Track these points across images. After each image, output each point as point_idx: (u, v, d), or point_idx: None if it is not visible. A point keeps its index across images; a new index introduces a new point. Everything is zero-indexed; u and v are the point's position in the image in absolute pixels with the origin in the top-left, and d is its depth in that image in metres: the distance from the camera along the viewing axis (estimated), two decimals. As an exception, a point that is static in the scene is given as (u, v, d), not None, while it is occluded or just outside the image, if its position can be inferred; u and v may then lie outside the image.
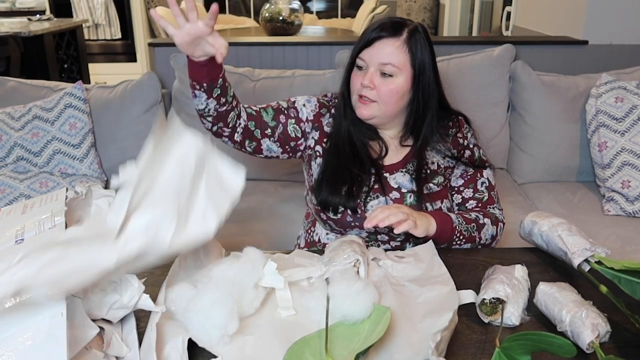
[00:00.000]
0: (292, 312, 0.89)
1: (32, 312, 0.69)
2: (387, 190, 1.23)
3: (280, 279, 0.92)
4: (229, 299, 0.84)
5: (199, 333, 0.81)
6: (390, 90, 1.18)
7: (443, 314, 0.82)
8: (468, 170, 1.28)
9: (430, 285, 0.94)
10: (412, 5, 6.04)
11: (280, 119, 1.29)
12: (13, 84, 2.07)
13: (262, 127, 1.27)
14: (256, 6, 5.98)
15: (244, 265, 0.92)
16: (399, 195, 1.23)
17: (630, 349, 0.82)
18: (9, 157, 1.87)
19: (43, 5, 5.18)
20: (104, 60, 5.33)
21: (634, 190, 1.79)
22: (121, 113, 2.03)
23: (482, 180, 1.28)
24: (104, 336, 0.77)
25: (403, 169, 1.26)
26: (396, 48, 1.17)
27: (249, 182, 2.22)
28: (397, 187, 1.24)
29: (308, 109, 1.31)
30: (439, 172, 1.26)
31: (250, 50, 2.34)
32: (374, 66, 1.18)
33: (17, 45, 3.14)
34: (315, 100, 1.33)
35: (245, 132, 1.26)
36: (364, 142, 1.28)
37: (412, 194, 1.23)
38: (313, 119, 1.30)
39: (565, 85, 2.04)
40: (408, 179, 1.24)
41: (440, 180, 1.26)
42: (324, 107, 1.32)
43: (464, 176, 1.28)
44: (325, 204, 1.22)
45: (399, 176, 1.25)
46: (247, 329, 0.85)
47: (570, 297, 0.87)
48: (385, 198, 1.23)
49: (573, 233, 1.02)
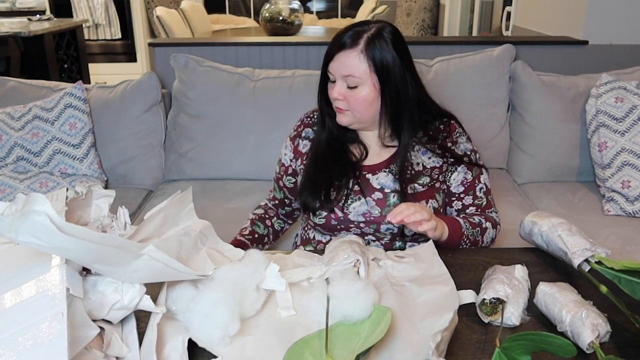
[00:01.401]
0: (292, 313, 0.89)
1: (33, 312, 0.69)
2: (368, 191, 1.24)
3: (282, 282, 0.92)
4: (231, 299, 0.84)
5: (199, 333, 0.81)
6: (358, 99, 1.19)
7: (443, 314, 0.82)
8: (467, 177, 1.28)
9: (430, 285, 0.94)
10: (412, 5, 6.04)
11: (281, 184, 1.41)
12: (13, 84, 2.07)
13: (290, 205, 1.43)
14: (256, 6, 5.98)
15: (246, 266, 0.92)
16: (382, 195, 1.24)
17: (630, 349, 0.82)
18: (9, 157, 1.87)
19: (43, 5, 5.18)
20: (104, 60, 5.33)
21: (634, 190, 1.79)
22: (121, 113, 2.03)
23: (480, 186, 1.30)
24: (104, 336, 0.77)
25: (386, 169, 1.26)
26: (354, 59, 1.16)
27: (249, 182, 2.24)
28: (379, 187, 1.25)
29: (288, 154, 1.37)
30: (424, 172, 1.26)
31: (250, 50, 2.34)
32: (340, 79, 1.19)
33: (17, 45, 3.14)
34: (288, 141, 1.38)
35: (292, 215, 1.47)
36: (344, 146, 1.30)
37: (396, 193, 1.23)
38: (293, 156, 1.36)
39: (565, 85, 2.04)
40: (391, 179, 1.25)
41: (426, 181, 1.25)
42: (297, 137, 1.36)
43: (464, 183, 1.28)
44: (305, 207, 1.27)
45: (382, 176, 1.26)
46: (247, 329, 0.85)
47: (571, 297, 0.87)
48: (366, 199, 1.24)
49: (573, 233, 1.02)
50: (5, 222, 0.71)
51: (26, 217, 0.69)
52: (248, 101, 2.04)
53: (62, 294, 0.72)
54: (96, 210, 0.98)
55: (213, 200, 1.89)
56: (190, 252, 0.93)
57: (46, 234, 0.70)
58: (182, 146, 2.07)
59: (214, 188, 1.99)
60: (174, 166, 2.08)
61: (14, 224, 0.70)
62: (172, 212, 0.99)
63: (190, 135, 2.06)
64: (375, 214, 1.23)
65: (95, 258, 0.75)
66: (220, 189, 1.99)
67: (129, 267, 0.77)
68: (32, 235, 0.70)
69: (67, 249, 0.72)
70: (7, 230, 0.71)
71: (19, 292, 0.74)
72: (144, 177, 2.07)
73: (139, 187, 2.05)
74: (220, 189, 1.99)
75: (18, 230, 0.70)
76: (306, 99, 2.02)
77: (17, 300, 0.73)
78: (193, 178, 2.06)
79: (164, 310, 0.81)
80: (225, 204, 1.87)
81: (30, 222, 0.69)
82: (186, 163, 2.06)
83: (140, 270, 0.78)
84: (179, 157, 2.07)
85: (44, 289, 0.73)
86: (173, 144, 2.09)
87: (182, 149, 2.07)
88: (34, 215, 0.69)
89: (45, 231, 0.70)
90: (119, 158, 2.03)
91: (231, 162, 2.05)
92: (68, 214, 0.89)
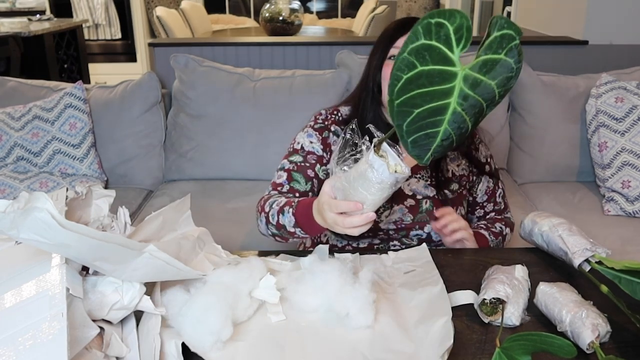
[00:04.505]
0: (283, 318, 0.88)
1: (33, 312, 0.69)
2: (399, 198, 1.21)
3: (276, 294, 0.90)
4: (224, 304, 0.83)
5: (191, 338, 0.79)
6: None
7: (436, 320, 0.82)
8: (490, 186, 1.32)
9: (420, 287, 0.94)
10: (412, 5, 6.04)
11: (309, 174, 1.21)
12: (13, 84, 2.07)
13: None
14: (256, 6, 5.98)
15: (241, 272, 0.91)
16: (414, 202, 1.22)
17: (630, 349, 0.82)
18: (9, 157, 1.87)
19: (43, 5, 5.18)
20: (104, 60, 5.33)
21: (634, 190, 1.79)
22: (121, 113, 2.03)
23: (500, 192, 1.34)
24: (104, 336, 0.77)
25: (417, 175, 1.24)
26: None
27: (249, 182, 2.24)
28: (411, 194, 1.23)
29: (316, 144, 1.24)
30: (453, 179, 1.26)
31: (250, 50, 2.34)
32: None
33: (17, 45, 3.14)
34: (312, 131, 1.25)
35: None
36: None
37: (428, 199, 1.22)
38: (322, 147, 1.24)
39: (565, 85, 2.04)
40: (423, 185, 1.23)
41: (455, 188, 1.26)
42: (325, 130, 1.25)
43: (487, 192, 1.32)
44: None
45: (413, 182, 1.23)
46: (238, 335, 0.84)
47: (571, 297, 0.87)
48: (400, 207, 1.21)
49: (573, 233, 1.02)
50: (7, 220, 0.71)
51: (28, 214, 0.69)
52: (248, 101, 2.04)
53: (62, 293, 0.72)
54: (96, 210, 0.98)
55: (213, 200, 1.89)
56: (189, 255, 0.93)
57: (48, 230, 0.70)
58: (182, 146, 2.07)
59: (213, 188, 1.99)
60: (174, 166, 2.08)
61: (16, 221, 0.70)
62: (170, 217, 0.99)
63: (190, 135, 2.06)
64: (407, 221, 1.21)
65: (96, 255, 0.75)
66: (220, 189, 1.99)
67: (130, 265, 0.77)
68: (34, 232, 0.70)
69: (68, 246, 0.72)
70: (9, 227, 0.71)
71: (19, 292, 0.74)
72: (144, 177, 2.07)
73: (139, 187, 2.05)
74: (220, 189, 1.99)
75: (20, 227, 0.70)
76: (306, 99, 2.02)
77: (17, 300, 0.73)
78: (193, 178, 2.06)
79: (163, 312, 0.80)
80: (225, 204, 1.87)
81: (32, 219, 0.69)
82: (186, 163, 2.06)
83: (141, 269, 0.78)
84: (179, 157, 2.07)
85: (44, 288, 0.73)
86: (173, 144, 2.09)
87: (182, 149, 2.07)
88: (35, 212, 0.69)
89: (46, 228, 0.70)
90: (119, 158, 2.03)
91: (231, 162, 2.05)
92: (68, 214, 0.89)
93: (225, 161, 2.05)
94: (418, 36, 0.69)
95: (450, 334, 0.79)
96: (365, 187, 0.83)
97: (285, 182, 1.21)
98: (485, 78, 0.72)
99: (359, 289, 0.88)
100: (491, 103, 0.76)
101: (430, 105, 0.72)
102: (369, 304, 0.86)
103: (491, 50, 0.71)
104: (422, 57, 0.69)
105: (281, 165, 1.24)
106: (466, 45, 0.69)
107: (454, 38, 0.69)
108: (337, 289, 0.88)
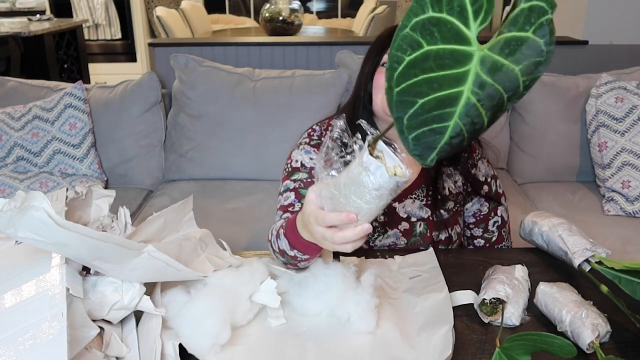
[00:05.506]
0: (283, 322, 0.87)
1: (33, 312, 0.69)
2: (393, 223, 1.14)
3: (277, 299, 0.87)
4: (223, 307, 0.82)
5: (189, 341, 0.79)
6: None
7: (439, 328, 0.81)
8: (482, 210, 1.22)
9: (425, 294, 0.93)
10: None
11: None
12: (13, 84, 2.07)
13: None
14: (256, 6, 5.98)
15: (242, 275, 0.90)
16: (408, 225, 1.15)
17: (630, 349, 0.82)
18: (9, 157, 1.87)
19: (43, 5, 5.17)
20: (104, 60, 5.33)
21: (634, 190, 1.79)
22: (121, 113, 2.03)
23: (495, 220, 1.22)
24: (104, 336, 0.77)
25: (412, 195, 1.16)
26: None
27: (249, 182, 2.24)
28: (406, 216, 1.15)
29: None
30: (450, 198, 1.17)
31: (250, 50, 2.34)
32: None
33: (17, 45, 3.14)
34: (309, 147, 1.15)
35: None
36: None
37: (422, 222, 1.15)
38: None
39: (565, 85, 2.04)
40: (418, 206, 1.15)
41: (451, 206, 1.18)
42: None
43: (476, 215, 1.22)
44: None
45: (408, 203, 1.15)
46: (237, 339, 0.83)
47: (571, 297, 0.87)
48: (394, 231, 1.14)
49: (573, 233, 1.02)
50: (4, 218, 0.71)
51: (24, 212, 0.69)
52: (248, 101, 2.04)
53: (62, 293, 0.72)
54: (96, 210, 0.98)
55: (213, 200, 1.89)
56: (190, 256, 0.92)
57: (44, 229, 0.70)
58: (182, 146, 2.07)
59: (213, 188, 1.99)
60: (173, 166, 2.08)
61: (13, 220, 0.70)
62: (172, 218, 0.99)
63: (190, 135, 2.06)
64: (400, 245, 1.16)
65: (94, 255, 0.75)
66: (220, 189, 1.99)
67: (128, 265, 0.77)
68: (31, 231, 0.70)
69: (66, 245, 0.72)
70: (6, 226, 0.71)
71: (19, 292, 0.74)
72: (144, 177, 2.07)
73: (139, 187, 2.05)
74: (220, 189, 1.99)
75: (17, 226, 0.70)
76: (306, 99, 2.02)
77: (17, 300, 0.73)
78: (193, 178, 2.07)
79: (163, 312, 0.80)
80: (225, 204, 1.87)
81: (28, 217, 0.69)
82: (186, 163, 2.06)
83: (140, 269, 0.78)
84: (179, 157, 2.07)
85: (44, 288, 0.73)
86: (173, 144, 2.09)
87: (182, 148, 2.07)
88: (32, 211, 0.69)
89: (43, 227, 0.70)
90: (119, 158, 2.03)
91: (231, 162, 2.05)
92: (68, 214, 0.89)
93: (225, 161, 2.05)
94: (424, 7, 0.54)
95: (450, 344, 0.78)
96: (359, 195, 0.69)
97: (295, 200, 1.07)
98: (507, 62, 0.55)
99: (361, 294, 0.86)
100: (514, 95, 0.58)
101: (439, 94, 0.57)
102: (371, 309, 0.85)
103: (516, 27, 0.55)
104: (429, 34, 0.54)
105: (284, 187, 1.11)
106: (486, 18, 0.54)
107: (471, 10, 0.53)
108: (339, 294, 0.87)
